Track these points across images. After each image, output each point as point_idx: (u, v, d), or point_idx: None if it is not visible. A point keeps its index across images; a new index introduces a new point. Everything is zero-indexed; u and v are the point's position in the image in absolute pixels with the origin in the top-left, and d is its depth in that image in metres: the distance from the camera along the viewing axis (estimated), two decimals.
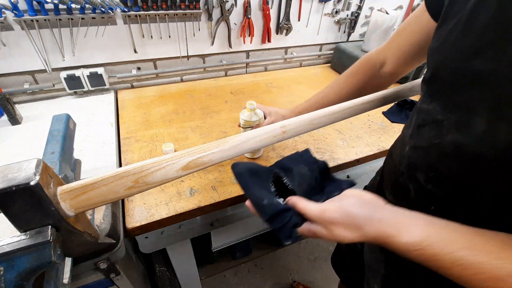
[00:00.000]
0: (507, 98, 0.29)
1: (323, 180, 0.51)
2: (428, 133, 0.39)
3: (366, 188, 0.73)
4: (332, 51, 1.49)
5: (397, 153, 0.50)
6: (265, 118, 0.72)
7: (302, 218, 0.40)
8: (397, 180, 0.48)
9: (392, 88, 0.60)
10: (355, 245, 0.73)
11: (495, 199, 0.33)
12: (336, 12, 1.35)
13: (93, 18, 0.94)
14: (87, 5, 0.87)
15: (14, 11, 0.83)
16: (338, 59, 1.42)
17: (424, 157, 0.40)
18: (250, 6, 1.14)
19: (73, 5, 0.86)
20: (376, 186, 0.64)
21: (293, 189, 0.47)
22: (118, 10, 0.94)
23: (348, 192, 0.39)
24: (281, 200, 0.45)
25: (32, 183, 0.31)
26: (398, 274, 0.51)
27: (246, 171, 0.48)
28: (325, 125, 0.52)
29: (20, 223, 0.33)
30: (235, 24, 1.18)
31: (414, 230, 0.31)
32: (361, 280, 0.66)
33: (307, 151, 0.56)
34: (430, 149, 0.38)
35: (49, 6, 0.86)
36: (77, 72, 1.00)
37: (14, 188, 0.30)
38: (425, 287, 0.46)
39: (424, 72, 1.31)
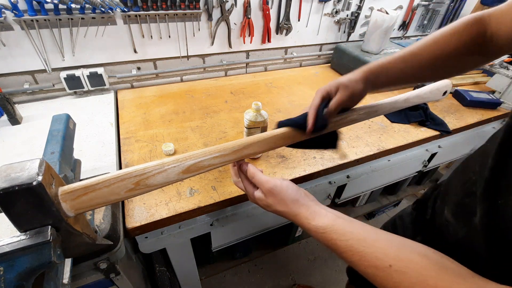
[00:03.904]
0: None
1: None
2: None
3: (423, 196, 0.65)
4: (332, 51, 1.49)
5: (475, 170, 0.42)
6: (334, 95, 0.50)
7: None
8: (463, 201, 0.43)
9: (397, 96, 0.59)
10: None
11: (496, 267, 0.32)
12: (336, 12, 1.35)
13: (93, 18, 0.94)
14: (87, 5, 0.87)
15: (14, 11, 0.83)
16: (338, 59, 1.42)
17: None
18: (250, 6, 1.14)
19: (73, 5, 0.86)
20: (434, 199, 0.57)
21: None
22: (118, 10, 0.93)
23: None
24: None
25: (35, 183, 0.31)
26: None
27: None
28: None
29: (20, 223, 0.33)
30: (235, 24, 1.18)
31: (324, 218, 0.40)
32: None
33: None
34: None
35: (49, 6, 0.86)
36: (77, 72, 1.00)
37: (17, 188, 0.30)
38: None
39: None
